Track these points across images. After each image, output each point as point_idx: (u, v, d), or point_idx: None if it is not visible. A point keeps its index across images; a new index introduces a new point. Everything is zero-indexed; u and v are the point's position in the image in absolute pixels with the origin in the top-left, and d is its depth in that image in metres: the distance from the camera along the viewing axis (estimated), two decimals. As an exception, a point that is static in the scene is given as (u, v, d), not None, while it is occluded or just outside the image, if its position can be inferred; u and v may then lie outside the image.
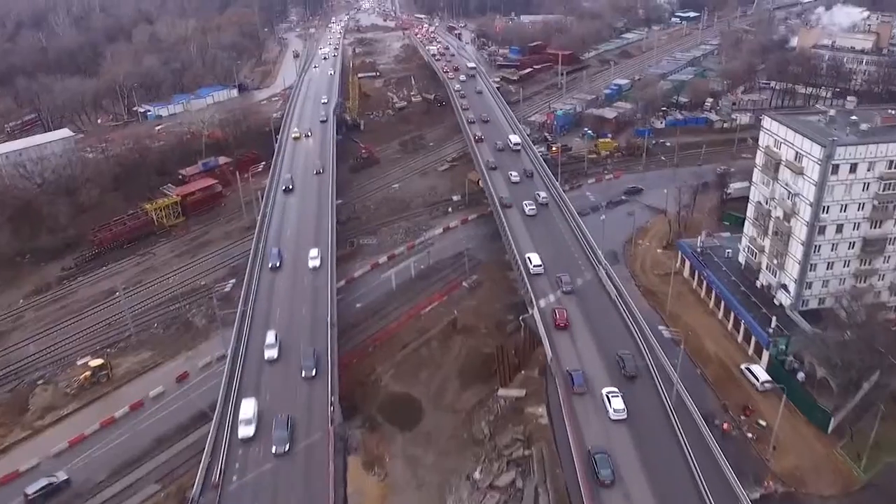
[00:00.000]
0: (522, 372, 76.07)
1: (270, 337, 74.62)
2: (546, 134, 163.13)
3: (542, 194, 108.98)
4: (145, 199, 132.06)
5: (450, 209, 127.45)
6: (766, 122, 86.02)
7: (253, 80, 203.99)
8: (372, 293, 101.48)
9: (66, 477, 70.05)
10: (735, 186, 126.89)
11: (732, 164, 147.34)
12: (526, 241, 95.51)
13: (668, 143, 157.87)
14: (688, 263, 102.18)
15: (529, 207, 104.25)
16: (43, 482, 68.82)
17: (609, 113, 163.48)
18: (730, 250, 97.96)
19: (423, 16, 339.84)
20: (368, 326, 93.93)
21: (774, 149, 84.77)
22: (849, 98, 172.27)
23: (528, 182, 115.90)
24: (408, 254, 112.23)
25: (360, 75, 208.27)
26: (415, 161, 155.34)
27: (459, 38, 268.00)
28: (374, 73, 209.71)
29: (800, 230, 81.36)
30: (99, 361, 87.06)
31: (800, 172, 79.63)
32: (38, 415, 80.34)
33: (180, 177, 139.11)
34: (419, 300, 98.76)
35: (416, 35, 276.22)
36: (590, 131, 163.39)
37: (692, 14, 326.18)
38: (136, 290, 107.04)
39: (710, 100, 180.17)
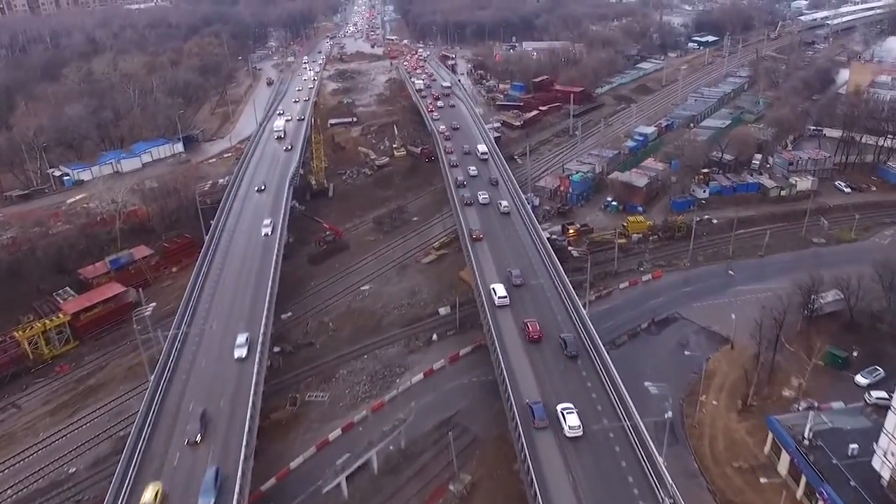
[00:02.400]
0: None
1: None
2: (560, 206, 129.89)
3: (504, 203, 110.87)
4: (31, 311, 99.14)
5: (434, 336, 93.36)
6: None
7: (203, 132, 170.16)
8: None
9: None
10: (827, 299, 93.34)
11: (801, 252, 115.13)
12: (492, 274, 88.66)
13: (715, 221, 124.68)
14: (785, 455, 68.39)
15: (483, 197, 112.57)
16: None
17: (639, 179, 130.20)
18: (855, 446, 64.12)
19: (409, 41, 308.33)
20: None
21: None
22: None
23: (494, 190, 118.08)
24: (372, 419, 78.36)
25: (333, 122, 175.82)
26: (393, 245, 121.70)
27: (454, 70, 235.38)
28: (350, 120, 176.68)
29: None
30: None
31: None
32: None
33: (81, 278, 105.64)
34: (382, 523, 64.95)
35: (404, 64, 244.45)
36: (614, 202, 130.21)
37: (710, 38, 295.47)
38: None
39: (758, 156, 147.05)
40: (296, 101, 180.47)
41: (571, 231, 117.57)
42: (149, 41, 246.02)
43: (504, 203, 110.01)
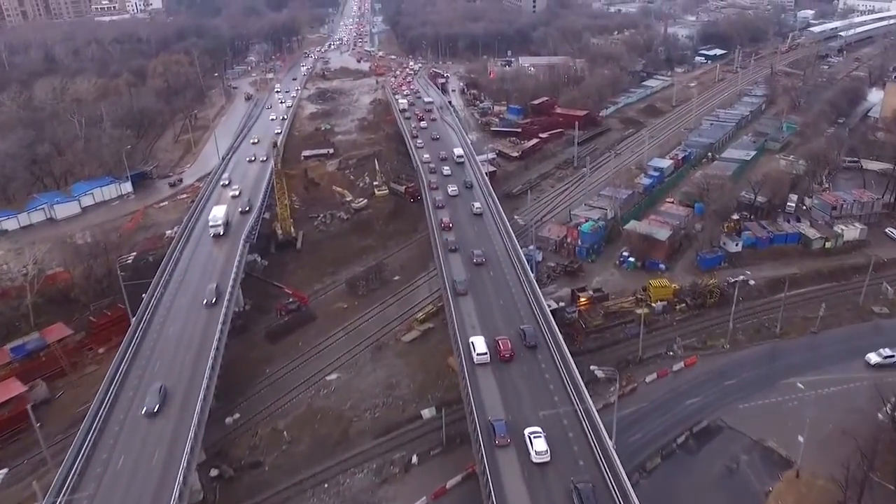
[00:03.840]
0: None
1: None
2: (567, 264, 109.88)
3: (477, 204, 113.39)
4: None
5: (414, 458, 72.88)
6: None
7: (157, 168, 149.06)
8: None
9: None
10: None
11: (861, 326, 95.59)
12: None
13: (753, 282, 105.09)
14: None
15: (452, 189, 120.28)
16: None
17: (660, 231, 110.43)
18: None
19: (398, 56, 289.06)
20: None
21: None
22: None
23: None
24: None
25: (306, 154, 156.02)
26: (369, 315, 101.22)
27: (444, 90, 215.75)
28: (326, 151, 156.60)
29: None
30: None
31: None
32: None
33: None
34: None
35: (391, 80, 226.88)
36: (631, 257, 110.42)
37: (718, 51, 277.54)
38: None
39: (794, 197, 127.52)
40: (251, 160, 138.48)
41: (583, 300, 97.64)
42: (113, 59, 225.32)
43: (477, 204, 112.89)
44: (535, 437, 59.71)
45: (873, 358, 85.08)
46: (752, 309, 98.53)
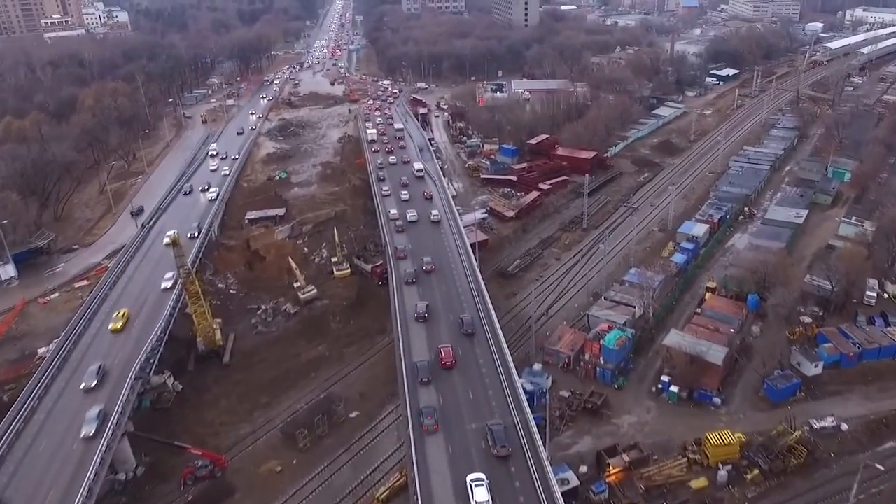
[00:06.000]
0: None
1: None
2: (587, 397, 79.93)
3: (435, 212, 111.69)
4: None
5: None
6: None
7: (54, 241, 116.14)
8: None
9: None
10: None
11: None
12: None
13: (845, 427, 75.88)
14: None
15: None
16: None
17: (712, 350, 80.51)
18: None
19: (376, 78, 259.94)
20: None
21: None
22: None
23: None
24: None
25: (251, 216, 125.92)
26: (310, 489, 70.77)
27: (427, 124, 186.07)
28: (276, 214, 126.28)
29: None
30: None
31: None
32: None
33: None
34: None
35: (368, 104, 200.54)
36: (672, 386, 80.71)
37: (730, 71, 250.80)
38: None
39: (873, 283, 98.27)
40: (89, 390, 69.75)
41: (614, 469, 67.89)
42: (42, 87, 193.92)
43: (434, 212, 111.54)
44: (476, 486, 54.89)
45: None
46: (852, 474, 68.97)
